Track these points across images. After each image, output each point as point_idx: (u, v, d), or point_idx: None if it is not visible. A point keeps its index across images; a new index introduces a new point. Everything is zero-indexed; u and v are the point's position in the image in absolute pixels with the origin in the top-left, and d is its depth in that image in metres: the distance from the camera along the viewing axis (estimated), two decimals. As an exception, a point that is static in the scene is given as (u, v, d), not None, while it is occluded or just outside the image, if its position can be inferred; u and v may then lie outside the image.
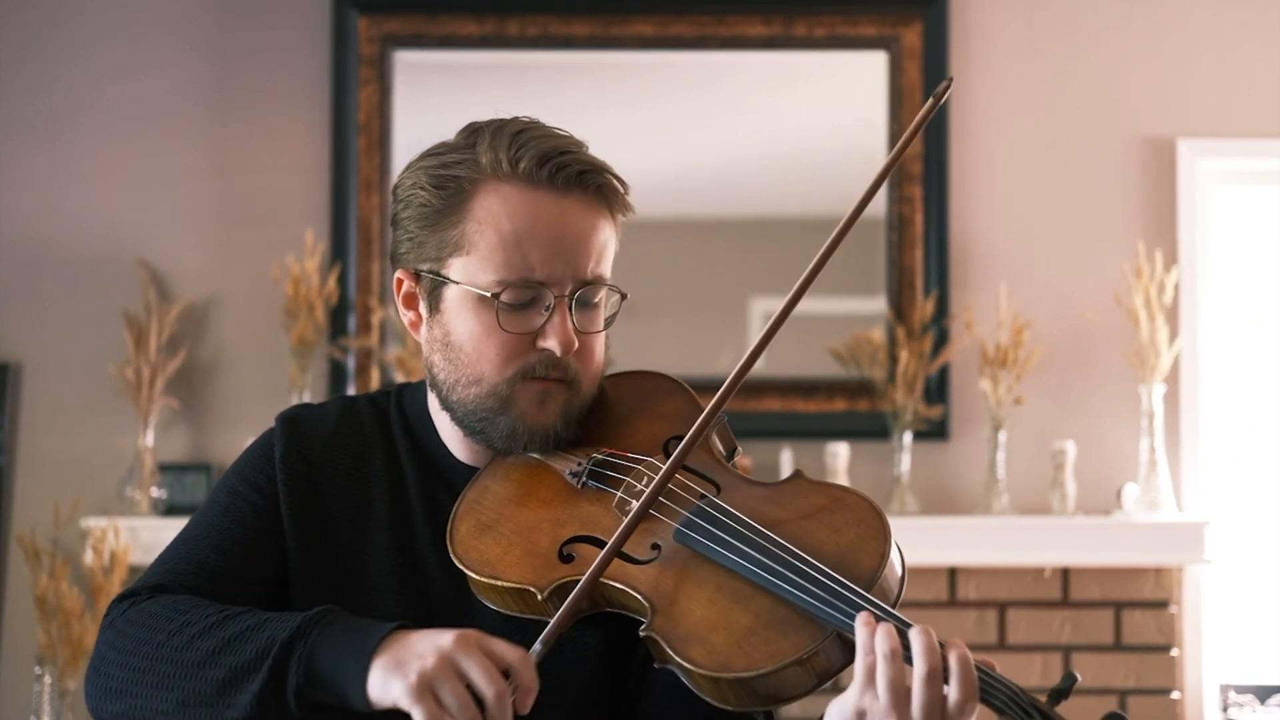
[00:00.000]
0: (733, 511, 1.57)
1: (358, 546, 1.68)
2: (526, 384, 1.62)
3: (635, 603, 1.54)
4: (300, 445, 1.70)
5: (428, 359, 1.68)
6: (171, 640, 1.53)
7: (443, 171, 1.64)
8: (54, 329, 4.25)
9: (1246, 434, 4.33)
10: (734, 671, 1.47)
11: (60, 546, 4.07)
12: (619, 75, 4.32)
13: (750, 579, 1.51)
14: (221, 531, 1.66)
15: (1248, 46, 4.31)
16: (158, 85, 4.29)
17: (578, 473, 1.64)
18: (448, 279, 1.62)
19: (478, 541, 1.62)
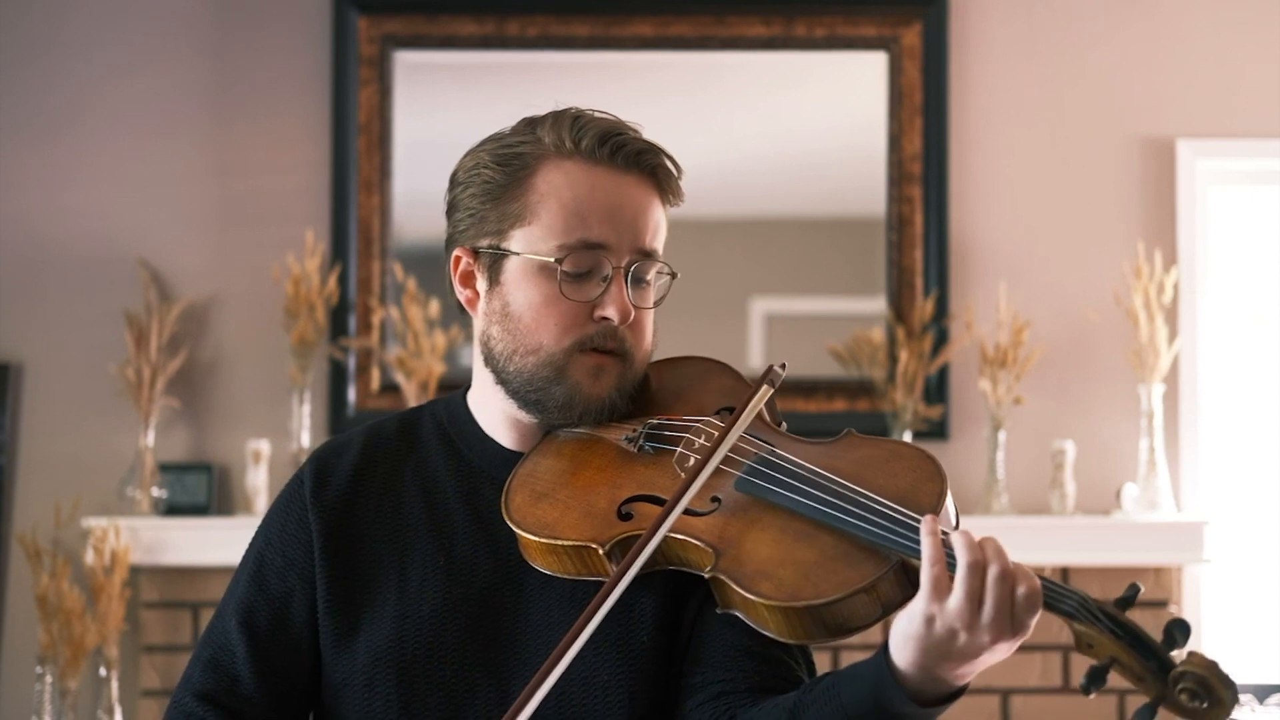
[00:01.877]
0: (793, 458, 1.63)
1: (398, 560, 1.70)
2: (583, 355, 1.67)
3: (698, 552, 1.58)
4: (330, 481, 1.75)
5: (485, 333, 1.72)
6: None
7: (505, 150, 1.70)
8: (55, 329, 4.25)
9: (1246, 434, 4.33)
10: (804, 600, 1.51)
11: (61, 546, 4.07)
12: (619, 75, 4.33)
13: (813, 517, 1.56)
14: (250, 608, 1.72)
15: (1248, 47, 4.31)
16: (158, 85, 4.30)
17: (633, 438, 1.68)
18: (508, 250, 1.68)
19: (534, 508, 1.66)
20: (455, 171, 1.77)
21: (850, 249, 4.31)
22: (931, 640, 1.46)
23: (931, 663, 1.47)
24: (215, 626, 1.74)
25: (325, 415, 4.22)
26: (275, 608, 1.71)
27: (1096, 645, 1.48)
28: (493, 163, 1.70)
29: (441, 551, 1.70)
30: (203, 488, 4.14)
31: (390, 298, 4.23)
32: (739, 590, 1.54)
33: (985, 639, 1.45)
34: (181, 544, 4.05)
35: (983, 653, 1.46)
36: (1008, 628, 1.45)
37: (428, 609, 1.67)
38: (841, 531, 1.55)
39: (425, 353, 4.10)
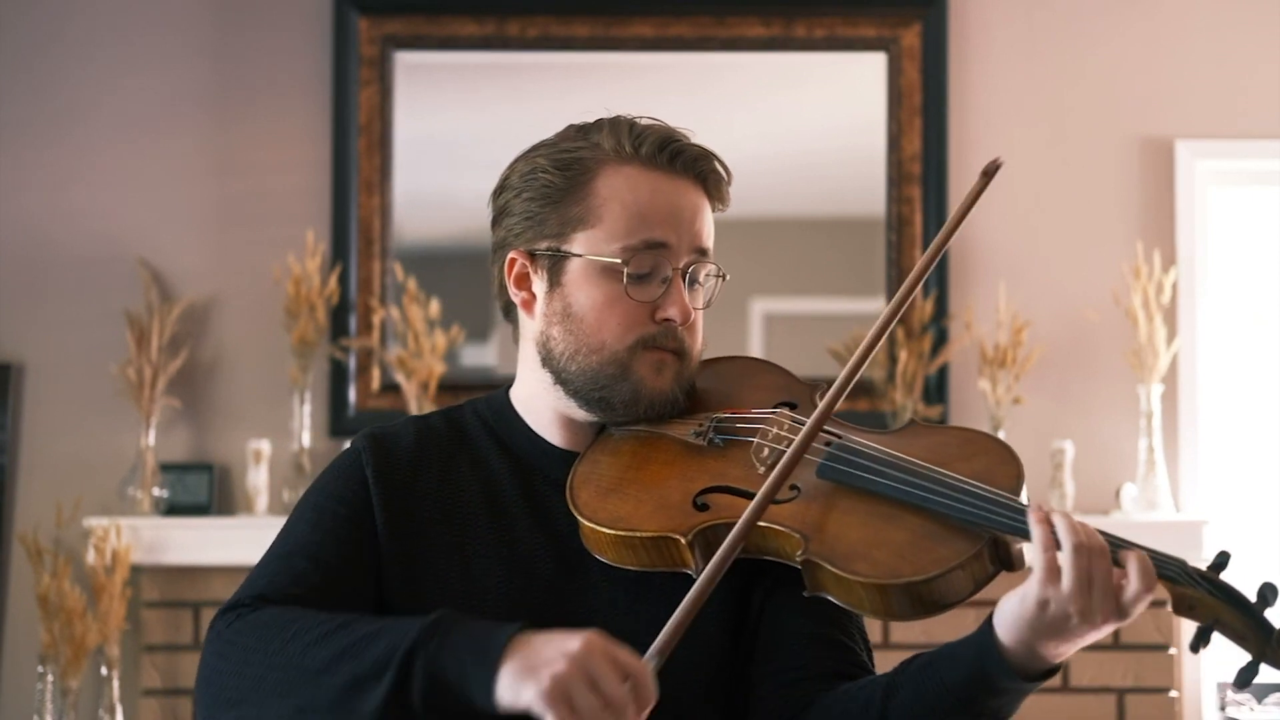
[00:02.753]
0: (870, 444, 1.69)
1: (459, 547, 1.72)
2: (644, 353, 1.71)
3: (785, 539, 1.61)
4: (390, 458, 1.75)
5: (544, 333, 1.74)
6: (288, 648, 1.56)
7: (564, 155, 1.74)
8: (56, 329, 4.26)
9: (1245, 434, 4.34)
10: (904, 577, 1.56)
11: (62, 546, 4.08)
12: (619, 76, 4.33)
13: (900, 499, 1.62)
14: (314, 544, 1.69)
15: (1247, 48, 4.32)
16: (159, 86, 4.31)
17: (701, 432, 1.72)
18: (569, 253, 1.72)
19: (604, 502, 1.69)
20: (506, 177, 1.80)
21: (850, 249, 4.32)
22: (1044, 622, 1.53)
23: (1040, 642, 1.54)
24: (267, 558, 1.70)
25: (326, 415, 4.23)
26: (348, 549, 1.70)
27: (1198, 607, 1.55)
28: (551, 167, 1.74)
29: (504, 544, 1.72)
30: (204, 487, 4.15)
31: (391, 298, 4.24)
32: (835, 571, 1.58)
33: (1096, 619, 1.52)
34: (182, 544, 4.06)
35: (1091, 631, 1.53)
36: (1115, 608, 1.53)
37: (492, 599, 1.70)
38: (930, 511, 1.60)
39: (425, 353, 4.11)
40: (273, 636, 1.57)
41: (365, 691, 1.52)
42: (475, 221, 4.33)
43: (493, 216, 1.80)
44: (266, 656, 1.56)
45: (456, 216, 4.37)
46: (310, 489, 1.77)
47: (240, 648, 1.58)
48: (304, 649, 1.55)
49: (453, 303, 4.22)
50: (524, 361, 1.80)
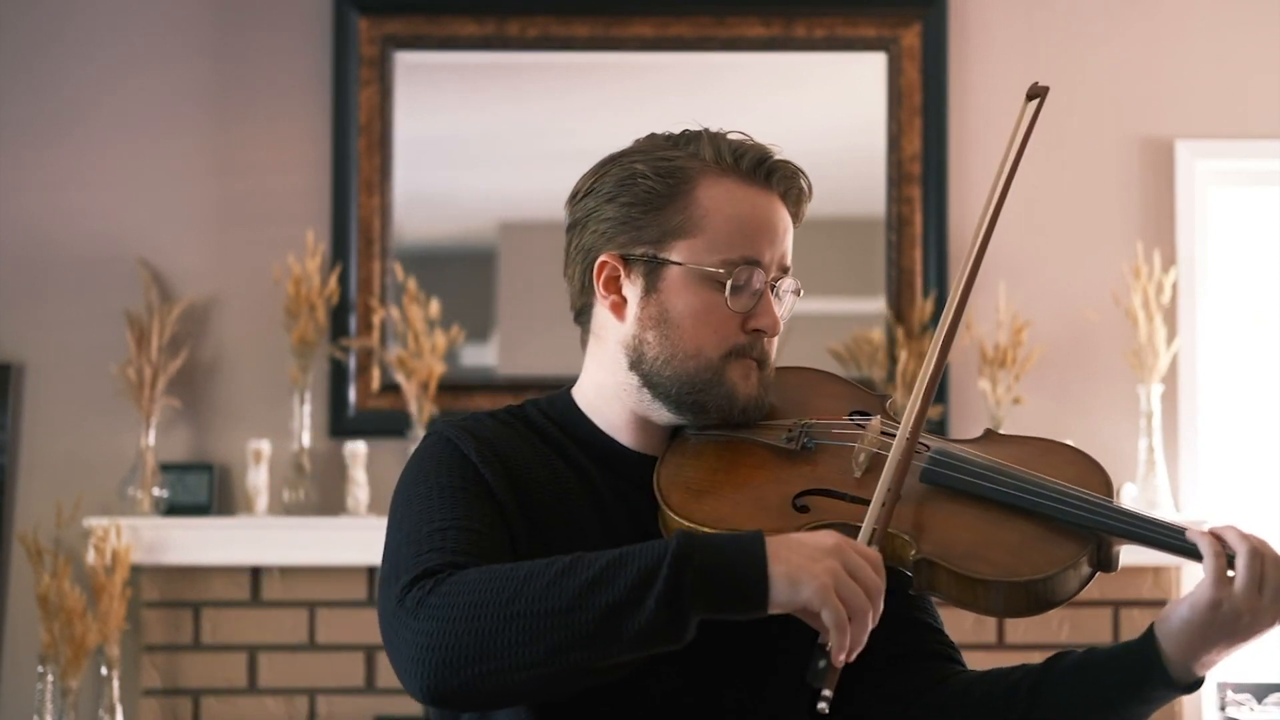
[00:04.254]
0: (966, 451, 1.75)
1: (565, 524, 1.74)
2: (735, 361, 1.75)
3: (896, 541, 1.66)
4: (488, 443, 1.75)
5: (637, 337, 1.76)
6: (522, 594, 1.53)
7: (664, 163, 1.76)
8: (56, 329, 4.26)
9: (1244, 434, 4.34)
10: (1024, 576, 1.63)
11: (62, 546, 4.08)
12: (619, 76, 4.33)
13: (1006, 502, 1.69)
14: (461, 516, 1.67)
15: (1246, 48, 4.32)
16: (159, 86, 4.31)
17: (793, 436, 1.77)
18: (669, 260, 1.75)
19: (700, 504, 1.71)
20: (593, 182, 1.80)
21: (850, 249, 4.32)
22: (1215, 624, 1.62)
23: (1204, 649, 1.64)
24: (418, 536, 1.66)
25: (326, 415, 4.23)
26: (489, 520, 1.68)
27: None
28: (652, 174, 1.76)
29: (605, 536, 1.73)
30: (204, 487, 4.15)
31: (391, 298, 4.24)
32: (954, 569, 1.63)
33: (1266, 619, 1.61)
34: (182, 543, 4.06)
35: (1256, 635, 1.63)
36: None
37: None
38: (1036, 514, 1.67)
39: (425, 353, 4.11)
40: (500, 588, 1.54)
41: (626, 616, 1.52)
42: (475, 221, 4.37)
43: (573, 220, 1.81)
44: (500, 607, 1.53)
45: (456, 216, 4.37)
46: (413, 480, 1.73)
47: (462, 606, 1.54)
48: (542, 591, 1.53)
49: (453, 303, 4.22)
50: (600, 364, 1.82)
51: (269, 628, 4.10)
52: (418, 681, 1.56)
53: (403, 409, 4.15)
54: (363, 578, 4.12)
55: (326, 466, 4.21)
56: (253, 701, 4.10)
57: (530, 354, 4.29)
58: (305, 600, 4.11)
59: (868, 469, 1.73)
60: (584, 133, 4.27)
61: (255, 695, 4.10)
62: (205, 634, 4.11)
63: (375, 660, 4.11)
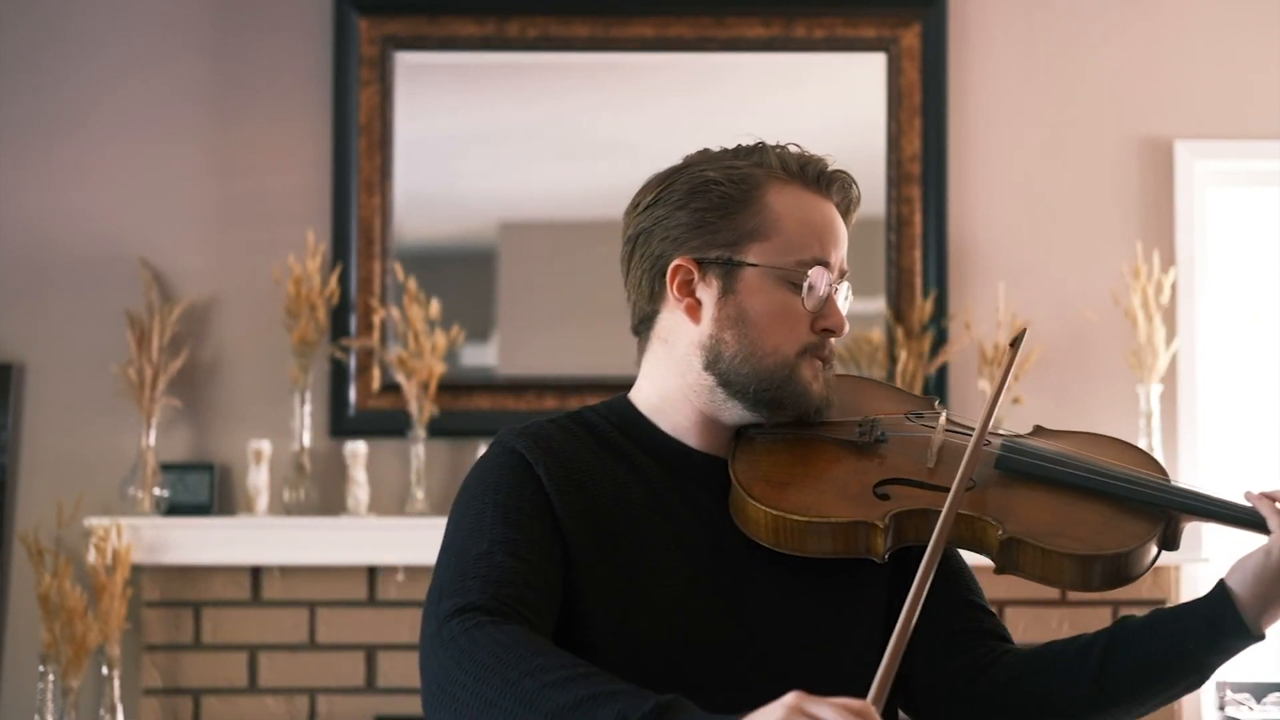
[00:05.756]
0: (1033, 441, 1.88)
1: (632, 537, 1.79)
2: (807, 359, 1.83)
3: (981, 524, 1.77)
4: (554, 453, 1.81)
5: (714, 337, 1.83)
6: (524, 682, 1.58)
7: (734, 170, 1.84)
8: (57, 329, 4.27)
9: (1244, 434, 4.34)
10: (1109, 550, 1.75)
11: (63, 546, 4.09)
12: (619, 76, 4.34)
13: (1079, 485, 1.81)
14: (511, 540, 1.74)
15: (1246, 49, 4.32)
16: (160, 86, 4.31)
17: (864, 431, 1.86)
18: (745, 262, 1.82)
19: (783, 495, 1.78)
20: (662, 192, 1.86)
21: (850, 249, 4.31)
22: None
23: (1276, 595, 1.74)
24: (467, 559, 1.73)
25: (326, 415, 4.24)
26: (542, 544, 1.75)
27: None
28: (724, 180, 1.83)
29: (672, 533, 1.80)
30: (204, 487, 4.15)
31: (391, 298, 4.25)
32: (1041, 546, 1.74)
33: None
34: (183, 543, 4.07)
35: None
36: None
37: (668, 588, 1.77)
38: (1109, 496, 1.79)
39: (426, 353, 4.11)
40: (512, 664, 1.60)
41: None
42: (475, 221, 4.37)
43: (637, 230, 1.87)
44: (505, 685, 1.59)
45: (456, 216, 4.37)
46: (476, 491, 1.80)
47: (479, 664, 1.61)
48: (540, 689, 1.57)
49: (453, 303, 4.22)
50: (667, 368, 1.87)
51: (269, 627, 4.11)
52: (426, 707, 1.67)
53: (403, 409, 4.16)
54: (363, 578, 4.12)
55: (327, 466, 4.22)
56: (253, 701, 4.10)
57: (530, 354, 4.29)
58: (305, 600, 4.11)
59: (939, 459, 1.83)
60: (584, 133, 4.27)
61: (255, 695, 4.10)
62: (206, 634, 4.11)
63: (375, 660, 4.11)
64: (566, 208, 4.28)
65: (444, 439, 4.21)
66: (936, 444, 1.85)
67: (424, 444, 4.14)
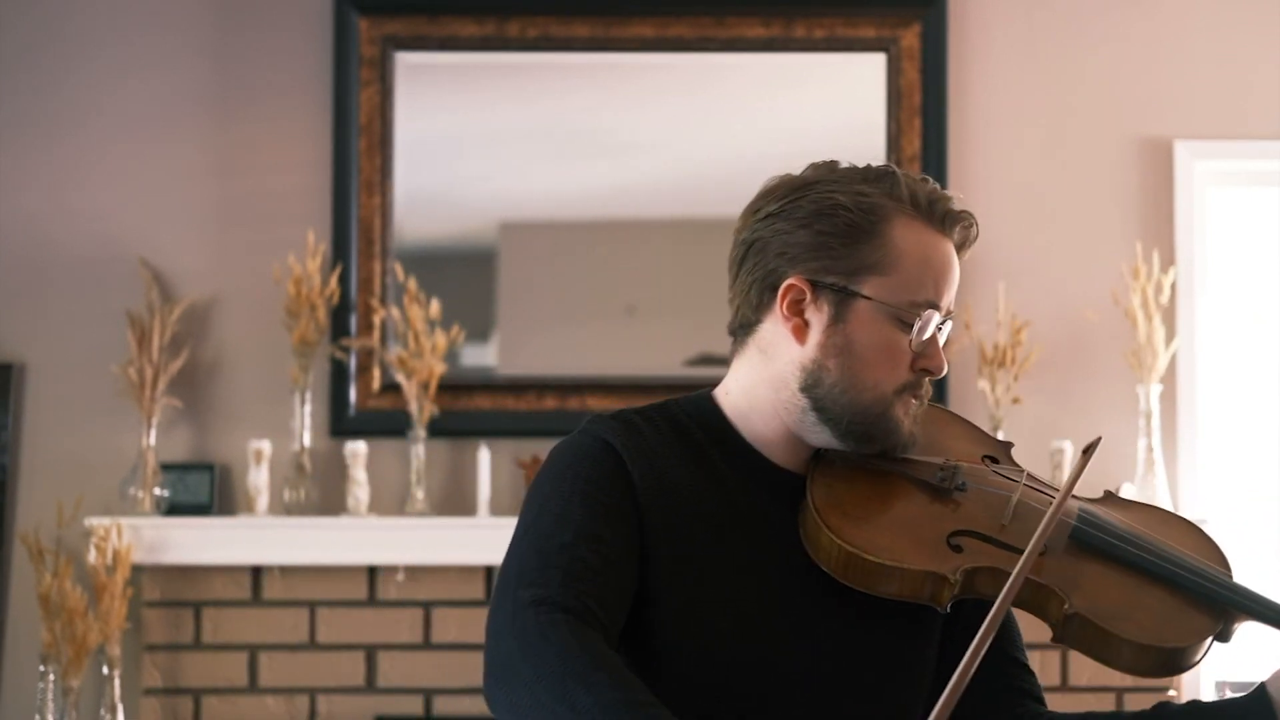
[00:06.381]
0: (1109, 515, 1.84)
1: (707, 535, 1.79)
2: (903, 397, 1.82)
3: (1048, 594, 1.73)
4: (647, 453, 1.80)
5: (816, 362, 1.80)
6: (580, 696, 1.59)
7: (864, 199, 1.81)
8: (57, 329, 4.27)
9: (1243, 434, 4.34)
10: (1170, 643, 1.73)
11: (63, 545, 4.09)
12: (619, 77, 4.34)
13: (1148, 569, 1.78)
14: (593, 535, 1.73)
15: (1246, 49, 4.32)
16: (160, 86, 4.31)
17: (946, 476, 1.83)
18: (860, 294, 1.80)
19: (860, 530, 1.76)
20: (788, 204, 1.84)
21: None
22: None
23: None
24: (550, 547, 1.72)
25: (326, 415, 4.24)
26: (624, 545, 1.74)
27: None
28: (853, 206, 1.81)
29: (745, 546, 1.79)
30: (204, 487, 4.15)
31: (391, 298, 4.25)
32: (1102, 627, 1.71)
33: None
34: (183, 543, 4.07)
35: None
36: None
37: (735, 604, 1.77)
38: (1175, 585, 1.77)
39: (426, 353, 4.11)
40: (575, 675, 1.60)
41: None
42: (475, 221, 4.37)
43: (754, 237, 1.85)
44: (561, 691, 1.59)
45: (456, 216, 4.37)
46: (563, 476, 1.79)
47: (544, 663, 1.61)
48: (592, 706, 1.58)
49: (453, 303, 4.22)
50: (762, 378, 1.84)
51: (269, 627, 4.11)
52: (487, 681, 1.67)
53: (403, 409, 4.16)
54: (363, 578, 4.12)
55: (327, 466, 4.22)
56: (253, 701, 4.10)
57: (530, 354, 4.29)
58: (306, 600, 4.11)
59: (1015, 518, 1.79)
60: (584, 133, 4.27)
61: (256, 695, 4.10)
62: (206, 633, 4.11)
63: (375, 660, 4.11)
64: (566, 208, 4.28)
65: (444, 439, 4.21)
66: (1015, 501, 1.82)
67: (424, 444, 4.14)
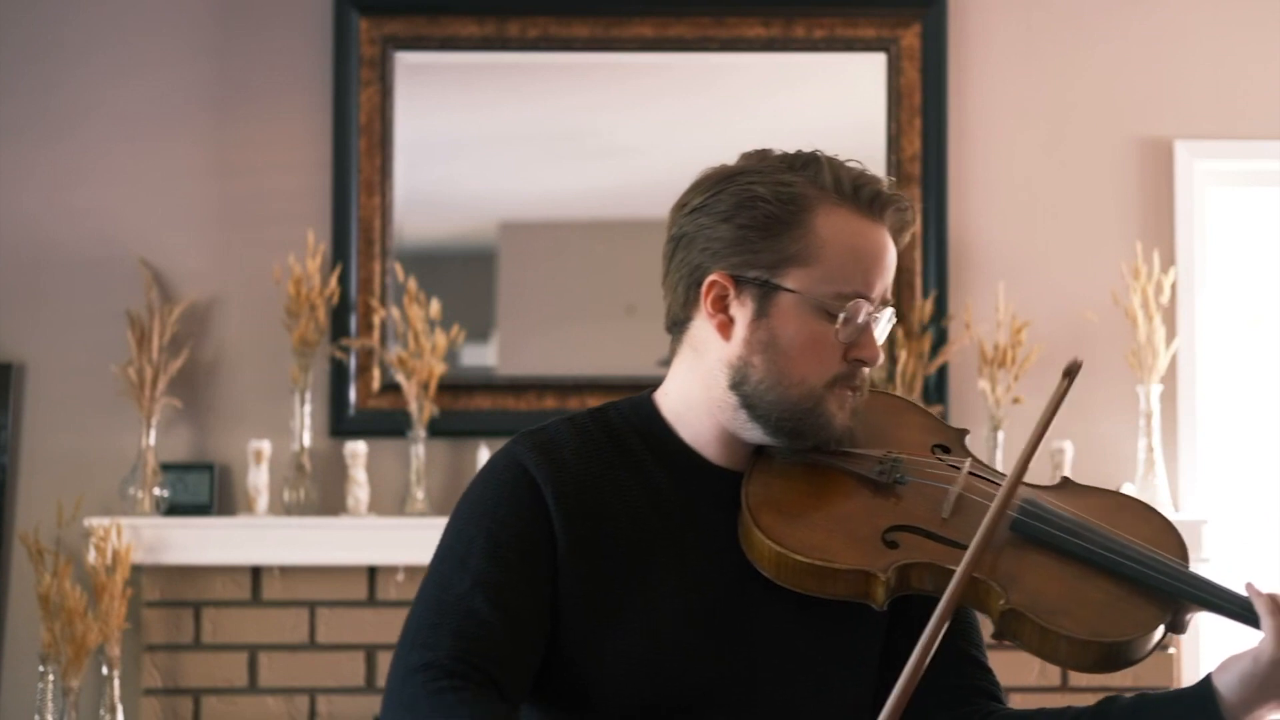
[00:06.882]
0: (1054, 504, 1.78)
1: (635, 564, 1.75)
2: (835, 390, 1.77)
3: (986, 589, 1.70)
4: (565, 470, 1.76)
5: (742, 359, 1.77)
6: None
7: (784, 189, 1.77)
8: (57, 329, 4.27)
9: (1243, 434, 4.34)
10: (1109, 637, 1.68)
11: (63, 545, 4.09)
12: (619, 77, 4.34)
13: (1091, 560, 1.72)
14: (494, 583, 1.70)
15: (1246, 48, 4.32)
16: (160, 86, 4.31)
17: (884, 470, 1.79)
18: (782, 287, 1.75)
19: (793, 529, 1.73)
20: (710, 198, 1.79)
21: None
22: (1273, 679, 1.69)
23: (1261, 702, 1.70)
24: (447, 599, 1.71)
25: (326, 415, 4.24)
26: (527, 589, 1.71)
27: None
28: (772, 198, 1.76)
29: (676, 559, 1.76)
30: (204, 487, 4.15)
31: (391, 298, 4.25)
32: (1040, 623, 1.67)
33: None
34: (183, 543, 4.07)
35: None
36: None
37: (671, 617, 1.74)
38: (1121, 575, 1.72)
39: (426, 353, 4.11)
40: None
41: None
42: (475, 221, 4.37)
43: (680, 233, 1.80)
44: None
45: (456, 216, 4.37)
46: (474, 512, 1.77)
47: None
48: None
49: (453, 303, 4.22)
50: (696, 377, 1.81)
51: (269, 628, 4.11)
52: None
53: (403, 409, 4.16)
54: (363, 577, 4.12)
55: (327, 466, 4.22)
56: (253, 701, 4.10)
57: (530, 354, 4.29)
58: (305, 600, 4.11)
59: (955, 511, 1.75)
60: (584, 133, 4.27)
61: (255, 695, 4.10)
62: (206, 634, 4.11)
63: (375, 660, 4.11)
64: (566, 208, 4.28)
65: (444, 439, 4.21)
66: (954, 494, 1.77)
67: (424, 444, 4.14)
